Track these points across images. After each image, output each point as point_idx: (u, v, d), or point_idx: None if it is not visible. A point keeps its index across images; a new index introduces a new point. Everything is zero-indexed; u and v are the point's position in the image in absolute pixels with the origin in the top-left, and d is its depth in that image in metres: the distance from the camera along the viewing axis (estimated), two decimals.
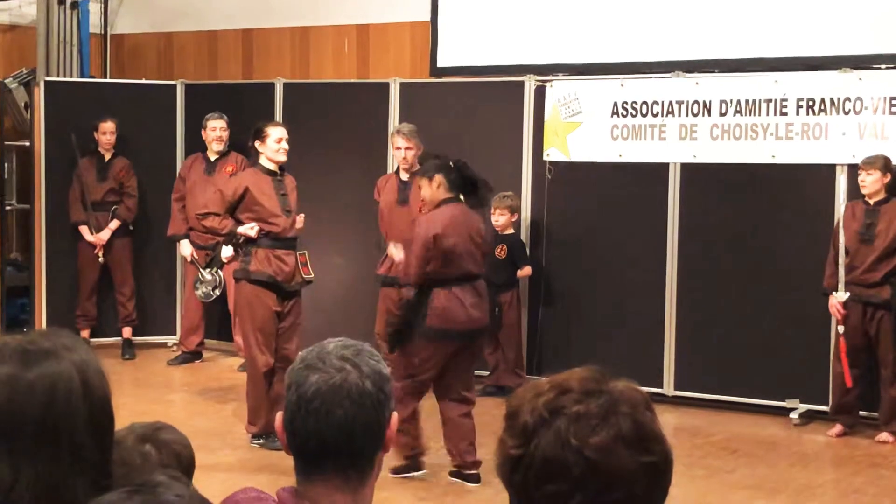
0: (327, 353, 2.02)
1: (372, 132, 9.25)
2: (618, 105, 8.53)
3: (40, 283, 9.83)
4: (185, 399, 8.52)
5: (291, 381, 2.02)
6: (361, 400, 1.99)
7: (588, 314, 8.64)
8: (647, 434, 1.69)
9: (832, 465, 7.14)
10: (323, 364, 2.00)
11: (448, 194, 6.38)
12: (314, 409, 1.97)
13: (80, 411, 1.60)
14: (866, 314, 7.48)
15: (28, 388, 1.58)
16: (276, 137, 7.12)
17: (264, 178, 7.12)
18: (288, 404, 2.02)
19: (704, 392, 8.29)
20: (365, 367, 2.01)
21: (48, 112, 9.75)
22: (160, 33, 11.38)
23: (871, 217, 7.48)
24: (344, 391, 1.98)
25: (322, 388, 1.98)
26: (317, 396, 1.97)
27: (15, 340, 1.67)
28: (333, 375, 1.99)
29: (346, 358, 2.01)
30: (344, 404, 1.97)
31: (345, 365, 2.00)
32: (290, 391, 2.01)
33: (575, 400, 1.69)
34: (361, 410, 1.99)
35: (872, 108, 7.74)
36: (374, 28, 10.33)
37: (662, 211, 8.37)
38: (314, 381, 1.98)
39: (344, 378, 1.99)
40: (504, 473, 1.72)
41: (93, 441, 1.60)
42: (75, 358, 1.65)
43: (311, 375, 1.99)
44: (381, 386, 2.02)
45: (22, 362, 1.61)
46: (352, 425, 1.98)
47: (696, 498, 6.23)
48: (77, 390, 1.61)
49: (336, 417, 1.97)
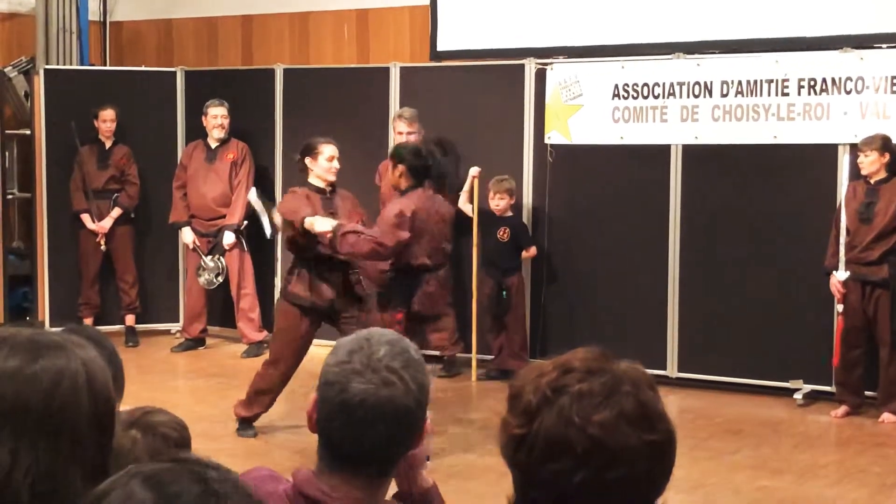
0: (378, 359, 1.99)
1: (372, 117, 9.24)
2: (619, 87, 8.52)
3: (42, 271, 9.84)
4: (188, 386, 8.53)
5: (335, 381, 1.99)
6: (405, 419, 1.99)
7: (591, 297, 8.64)
8: (649, 412, 1.69)
9: (836, 446, 7.15)
10: (372, 373, 1.98)
11: (410, 182, 6.58)
12: (358, 418, 1.97)
13: (84, 406, 1.61)
14: (865, 293, 7.49)
15: (34, 377, 1.60)
16: (328, 155, 6.81)
17: (314, 197, 6.80)
18: (327, 401, 1.99)
19: (708, 374, 8.30)
20: (412, 383, 2.00)
21: (48, 100, 9.74)
22: (159, 20, 11.36)
23: (870, 196, 7.48)
24: (389, 408, 1.97)
25: (368, 399, 1.96)
26: (361, 407, 1.96)
27: (25, 332, 1.68)
28: (380, 388, 1.97)
29: (395, 370, 1.99)
30: (387, 420, 1.97)
31: (393, 378, 1.98)
32: (331, 388, 1.99)
33: (578, 379, 1.69)
34: (401, 428, 2.00)
35: (874, 87, 7.73)
36: (373, 13, 10.31)
37: (664, 193, 8.36)
38: (360, 391, 1.97)
39: (391, 394, 1.97)
40: (507, 453, 1.72)
41: (93, 437, 1.62)
42: (83, 354, 1.66)
43: (358, 382, 1.97)
44: (422, 401, 2.02)
45: (31, 353, 1.62)
46: (389, 440, 1.99)
47: (700, 479, 6.24)
48: (83, 385, 1.62)
49: (376, 432, 1.97)
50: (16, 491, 1.55)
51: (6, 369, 1.60)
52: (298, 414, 7.31)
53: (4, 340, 1.64)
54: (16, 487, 1.55)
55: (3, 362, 1.61)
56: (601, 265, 8.62)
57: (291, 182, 7.88)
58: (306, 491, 1.99)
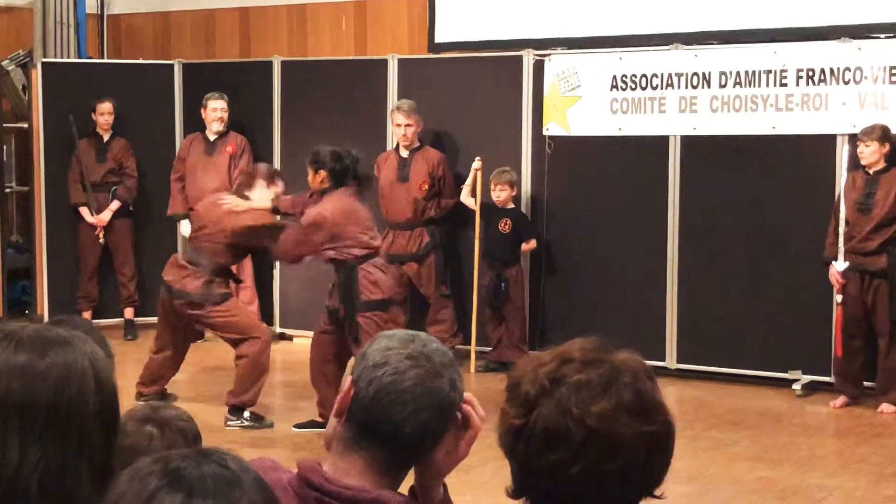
0: (431, 351, 2.03)
1: (371, 109, 9.23)
2: (617, 78, 8.51)
3: (41, 265, 9.83)
4: (187, 379, 8.52)
5: (383, 362, 2.01)
6: (445, 413, 2.02)
7: (590, 288, 8.64)
8: (648, 403, 1.69)
9: (835, 436, 7.16)
10: (426, 361, 2.01)
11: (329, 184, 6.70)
12: (404, 402, 1.98)
13: (91, 400, 1.62)
14: (864, 283, 7.49)
15: (42, 372, 1.61)
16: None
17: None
18: (374, 380, 2.00)
19: (707, 364, 8.30)
20: (458, 380, 2.04)
21: (46, 94, 9.73)
22: (156, 13, 11.34)
23: (870, 186, 7.48)
24: (436, 398, 2.00)
25: (418, 386, 1.99)
26: (411, 391, 1.98)
27: (31, 327, 1.68)
28: (433, 378, 2.00)
29: (445, 365, 2.03)
30: (431, 410, 1.99)
31: (443, 372, 2.02)
32: (380, 369, 2.00)
33: (576, 369, 1.69)
34: (440, 421, 2.01)
35: (872, 77, 7.72)
36: (371, 4, 10.30)
37: (663, 184, 8.36)
38: (415, 375, 1.99)
39: (440, 386, 2.00)
40: (506, 444, 1.73)
41: (100, 432, 1.63)
42: (88, 349, 1.67)
43: (413, 368, 2.00)
44: (456, 403, 2.04)
45: (38, 349, 1.63)
46: (428, 431, 2.00)
47: (699, 469, 6.25)
48: (89, 380, 1.63)
49: (420, 420, 1.98)
50: (24, 485, 1.57)
51: (14, 365, 1.61)
52: (300, 408, 7.34)
53: (11, 335, 1.64)
54: (24, 481, 1.56)
55: (10, 358, 1.61)
56: (600, 256, 8.61)
57: (289, 175, 7.86)
58: (310, 478, 1.99)
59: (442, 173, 8.74)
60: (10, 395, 1.59)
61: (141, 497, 1.35)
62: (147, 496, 1.35)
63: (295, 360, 7.61)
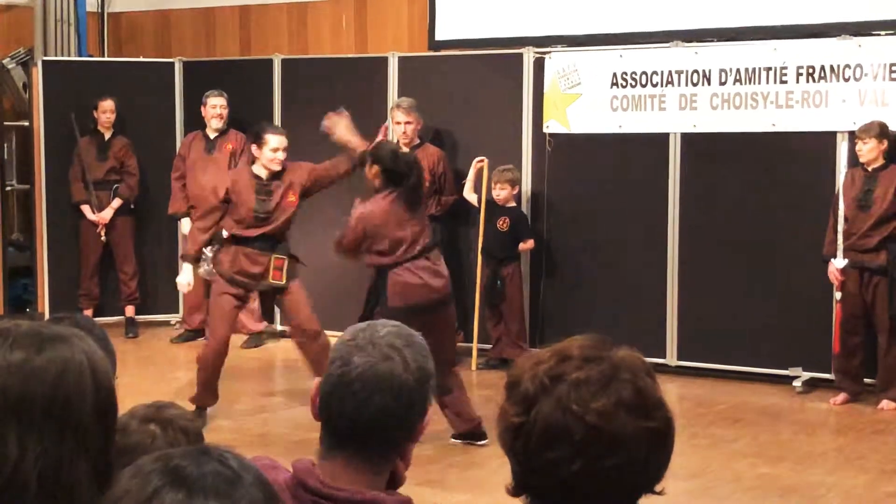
0: (380, 336, 2.03)
1: (371, 107, 9.22)
2: (617, 76, 8.51)
3: (42, 263, 9.84)
4: (188, 377, 8.51)
5: (337, 357, 2.03)
6: (400, 393, 2.01)
7: (590, 286, 8.64)
8: (647, 400, 1.70)
9: (835, 433, 7.16)
10: (372, 348, 2.01)
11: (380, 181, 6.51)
12: (354, 391, 1.99)
13: (88, 396, 1.63)
14: (863, 280, 7.50)
15: (39, 369, 1.61)
16: (272, 146, 7.03)
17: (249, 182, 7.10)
18: (329, 377, 2.03)
19: (707, 361, 8.31)
20: (412, 361, 2.03)
21: (47, 92, 9.74)
22: (157, 11, 11.34)
23: (869, 184, 7.49)
24: (386, 381, 2.00)
25: (366, 372, 1.99)
26: (360, 379, 1.99)
27: (27, 324, 1.69)
28: (379, 363, 2.00)
29: (396, 347, 2.02)
30: (383, 392, 1.99)
31: (392, 354, 2.01)
32: (332, 365, 2.03)
33: (575, 367, 1.69)
34: (398, 403, 2.01)
35: (872, 74, 7.73)
36: (371, 2, 10.30)
37: (663, 181, 8.36)
38: (359, 364, 2.00)
39: (389, 368, 2.00)
40: (506, 441, 1.73)
41: (98, 428, 1.64)
42: (85, 346, 1.67)
43: (358, 356, 2.01)
44: (423, 382, 2.04)
45: (35, 345, 1.63)
46: (386, 416, 2.00)
47: (700, 466, 6.25)
48: (87, 376, 1.64)
49: (373, 405, 1.99)
50: (24, 481, 1.57)
51: (11, 362, 1.61)
52: (299, 406, 7.34)
53: (7, 332, 1.65)
54: (24, 478, 1.57)
55: (7, 355, 1.62)
56: (600, 253, 8.62)
57: None
58: (305, 481, 2.00)
59: (442, 170, 8.75)
60: (7, 391, 1.59)
61: (142, 495, 1.36)
62: (148, 494, 1.35)
63: (296, 359, 7.60)
